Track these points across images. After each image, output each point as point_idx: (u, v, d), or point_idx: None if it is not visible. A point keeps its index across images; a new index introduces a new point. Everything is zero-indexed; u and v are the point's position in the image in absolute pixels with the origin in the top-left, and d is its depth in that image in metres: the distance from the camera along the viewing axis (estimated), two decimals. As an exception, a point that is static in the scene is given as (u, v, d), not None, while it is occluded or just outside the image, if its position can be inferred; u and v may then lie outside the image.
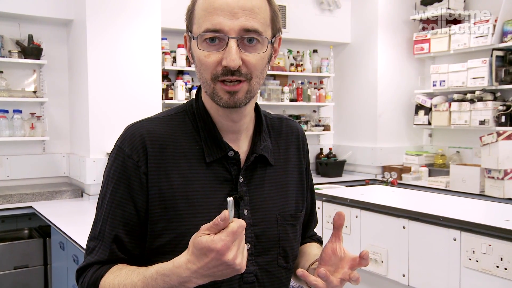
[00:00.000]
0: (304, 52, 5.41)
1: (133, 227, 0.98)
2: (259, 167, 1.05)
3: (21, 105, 4.09)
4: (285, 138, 1.12)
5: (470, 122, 4.62)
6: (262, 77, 0.98)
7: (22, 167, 4.17)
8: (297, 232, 1.10)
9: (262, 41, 0.96)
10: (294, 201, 1.09)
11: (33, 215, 3.65)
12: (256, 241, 1.01)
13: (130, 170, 0.97)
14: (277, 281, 1.05)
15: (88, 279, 0.97)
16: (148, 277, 0.89)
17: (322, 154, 5.60)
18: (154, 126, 1.01)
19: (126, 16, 3.86)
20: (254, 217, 1.02)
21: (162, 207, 0.96)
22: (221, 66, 0.93)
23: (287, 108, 5.48)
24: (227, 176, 1.01)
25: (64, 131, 4.36)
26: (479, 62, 4.55)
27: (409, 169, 5.11)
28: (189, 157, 0.99)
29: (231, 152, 1.01)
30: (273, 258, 1.04)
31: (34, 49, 4.05)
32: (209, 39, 0.93)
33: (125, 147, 0.99)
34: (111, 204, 0.98)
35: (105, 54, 3.83)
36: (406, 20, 5.29)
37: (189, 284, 0.86)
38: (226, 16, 0.92)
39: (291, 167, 1.11)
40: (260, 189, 1.04)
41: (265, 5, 0.98)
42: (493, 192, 3.93)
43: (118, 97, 3.81)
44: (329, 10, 5.42)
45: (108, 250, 0.97)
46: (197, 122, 1.02)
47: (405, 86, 5.37)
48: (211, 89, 0.96)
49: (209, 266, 0.83)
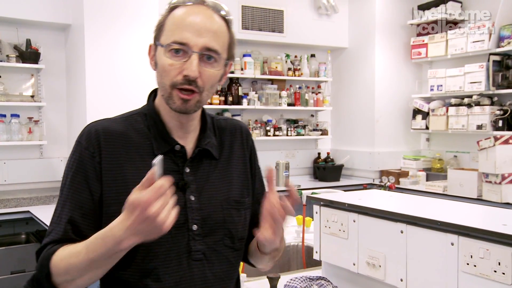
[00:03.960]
0: (301, 57, 5.42)
1: (88, 211, 1.09)
2: (205, 160, 1.19)
3: (19, 110, 4.09)
4: (229, 135, 1.27)
5: (468, 127, 4.64)
6: (212, 91, 1.14)
7: (19, 172, 4.16)
8: (242, 216, 1.21)
9: (218, 60, 1.11)
10: (239, 188, 1.23)
11: (30, 219, 3.64)
12: (203, 223, 1.14)
13: (86, 161, 1.11)
14: (225, 260, 1.17)
15: (42, 256, 1.06)
16: (89, 242, 0.99)
17: (320, 159, 5.60)
18: (109, 124, 1.16)
19: (123, 20, 3.87)
20: (201, 202, 1.14)
21: (115, 192, 1.09)
22: (181, 75, 1.07)
23: (285, 112, 5.49)
24: (174, 167, 1.14)
25: (61, 135, 4.35)
26: (476, 67, 4.57)
27: (406, 173, 5.12)
28: (141, 151, 1.14)
29: (177, 146, 1.15)
30: (220, 238, 1.16)
31: (32, 54, 4.05)
32: (174, 50, 1.08)
33: (82, 141, 1.13)
34: (69, 190, 1.11)
35: (102, 59, 3.83)
36: (403, 24, 5.31)
37: (124, 243, 0.94)
38: (193, 33, 1.07)
39: (235, 159, 1.25)
40: (206, 178, 1.17)
41: (226, 31, 1.13)
42: (491, 197, 3.93)
43: (116, 101, 3.80)
44: (326, 15, 5.44)
45: (62, 230, 1.08)
46: (148, 121, 1.17)
47: (403, 90, 5.39)
48: (168, 94, 1.10)
49: (137, 222, 0.91)
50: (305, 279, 1.70)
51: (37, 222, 3.42)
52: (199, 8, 1.11)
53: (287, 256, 2.45)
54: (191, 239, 1.12)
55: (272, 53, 5.33)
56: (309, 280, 1.69)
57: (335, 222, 1.65)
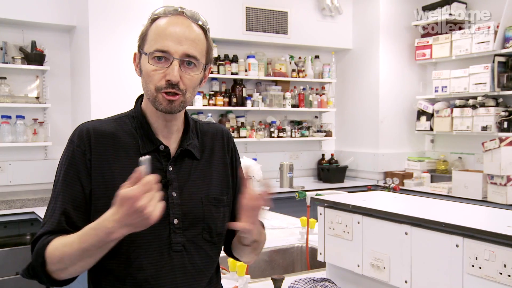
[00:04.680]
0: (305, 58, 5.42)
1: (80, 203, 1.19)
2: (187, 160, 1.29)
3: (24, 111, 4.10)
4: (211, 138, 1.37)
5: (472, 128, 4.62)
6: (194, 93, 1.25)
7: (24, 173, 4.17)
8: (221, 213, 1.31)
9: (197, 65, 1.21)
10: (218, 187, 1.32)
11: (35, 220, 3.65)
12: (184, 217, 1.23)
13: (78, 157, 1.20)
14: (203, 252, 1.27)
15: (37, 246, 1.14)
16: (82, 233, 1.08)
17: (324, 160, 5.59)
18: (99, 124, 1.25)
19: (128, 22, 3.88)
20: (182, 198, 1.24)
21: (103, 187, 1.18)
22: (164, 80, 1.18)
23: (289, 113, 5.49)
24: (158, 165, 1.23)
25: (66, 136, 4.28)
26: (481, 68, 4.55)
27: (411, 175, 5.11)
28: (128, 150, 1.23)
29: (162, 146, 1.25)
30: (199, 232, 1.25)
31: (37, 55, 4.07)
32: (157, 57, 1.18)
33: (74, 139, 1.23)
34: (62, 185, 1.20)
35: (107, 60, 3.84)
36: (407, 26, 5.30)
37: (114, 234, 1.03)
38: (174, 42, 1.18)
39: (216, 160, 1.35)
40: (187, 176, 1.27)
41: (203, 38, 1.24)
42: (496, 198, 3.92)
43: (120, 102, 3.76)
44: (330, 16, 5.43)
45: (56, 221, 1.17)
46: (136, 123, 1.27)
47: (407, 92, 5.38)
48: (154, 97, 1.20)
49: (126, 214, 1.00)
50: (309, 280, 1.69)
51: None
52: (179, 19, 1.21)
53: (291, 257, 2.45)
54: (172, 232, 1.21)
55: (276, 54, 5.33)
56: (313, 282, 1.69)
57: (339, 223, 1.65)
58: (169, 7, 1.24)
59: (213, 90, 4.92)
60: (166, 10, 1.23)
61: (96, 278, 1.24)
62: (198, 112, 4.78)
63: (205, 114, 4.76)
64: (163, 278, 1.20)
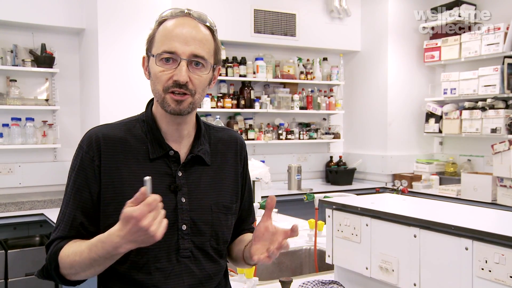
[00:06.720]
0: (314, 60, 5.41)
1: (89, 209, 1.21)
2: (197, 166, 1.28)
3: (34, 113, 4.14)
4: (224, 144, 1.36)
5: (482, 130, 4.59)
6: (203, 94, 1.24)
7: (34, 175, 4.21)
8: (229, 221, 1.32)
9: (206, 66, 1.21)
10: (229, 194, 1.32)
11: (44, 222, 3.68)
12: (192, 224, 1.23)
13: (87, 164, 1.21)
14: (211, 258, 1.27)
15: (51, 251, 1.19)
16: (91, 244, 1.10)
17: (332, 162, 5.58)
18: (108, 130, 1.25)
19: (137, 25, 3.90)
20: (191, 204, 1.24)
21: (112, 193, 1.19)
22: (172, 80, 1.17)
23: (297, 116, 5.48)
24: (167, 170, 1.24)
25: (75, 138, 4.38)
26: (491, 70, 4.52)
27: (419, 177, 5.08)
28: (137, 155, 1.23)
29: (171, 151, 1.24)
30: (207, 239, 1.26)
31: (47, 58, 4.10)
32: (165, 59, 1.18)
33: (84, 146, 1.23)
34: (71, 191, 1.22)
35: (116, 63, 3.86)
36: (416, 28, 5.28)
37: (120, 249, 1.05)
38: (181, 43, 1.17)
39: (227, 167, 1.34)
40: (197, 183, 1.26)
41: (211, 39, 1.23)
42: (506, 201, 3.89)
43: (130, 105, 3.82)
44: (339, 18, 5.43)
45: (68, 227, 1.20)
46: (146, 127, 1.26)
47: (416, 94, 5.36)
48: (162, 98, 1.20)
49: (131, 232, 1.01)
50: (318, 283, 1.69)
51: (51, 224, 3.45)
52: (186, 20, 1.21)
53: (300, 260, 2.45)
54: (180, 238, 1.22)
55: (284, 56, 5.33)
56: (321, 284, 1.69)
57: (347, 226, 1.64)
58: (176, 9, 1.24)
59: (221, 92, 4.93)
60: (173, 12, 1.23)
61: (105, 282, 1.26)
62: (206, 114, 4.80)
63: (213, 116, 4.77)
64: (171, 283, 1.21)
